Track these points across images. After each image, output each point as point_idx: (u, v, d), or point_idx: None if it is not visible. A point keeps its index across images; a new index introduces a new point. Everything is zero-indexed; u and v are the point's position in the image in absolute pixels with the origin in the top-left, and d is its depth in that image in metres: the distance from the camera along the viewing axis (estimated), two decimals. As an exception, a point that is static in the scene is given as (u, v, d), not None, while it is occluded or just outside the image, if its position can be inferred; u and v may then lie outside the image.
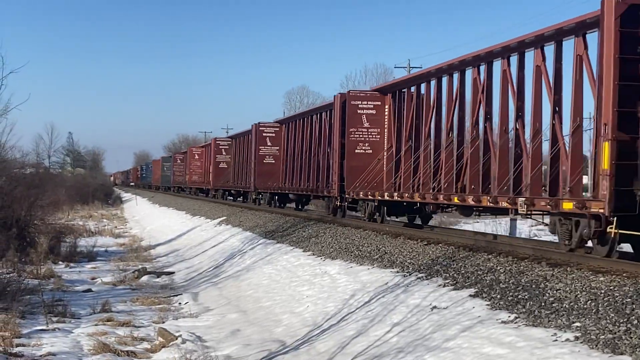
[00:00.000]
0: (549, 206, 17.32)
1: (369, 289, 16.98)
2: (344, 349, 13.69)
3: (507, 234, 31.64)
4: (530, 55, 19.12)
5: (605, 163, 14.81)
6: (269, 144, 43.91)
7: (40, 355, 14.94)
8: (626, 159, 14.69)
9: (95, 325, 18.33)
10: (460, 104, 22.98)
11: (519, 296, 13.17)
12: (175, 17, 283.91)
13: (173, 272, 29.09)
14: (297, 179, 38.39)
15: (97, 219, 64.15)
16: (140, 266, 29.95)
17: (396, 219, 29.12)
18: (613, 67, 14.81)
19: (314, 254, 23.25)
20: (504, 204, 19.11)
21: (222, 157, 60.18)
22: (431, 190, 23.65)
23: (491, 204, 19.78)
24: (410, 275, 17.05)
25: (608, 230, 14.94)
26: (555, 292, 12.89)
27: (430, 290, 15.24)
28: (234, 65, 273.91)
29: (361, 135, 28.57)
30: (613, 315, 11.09)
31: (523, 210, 18.11)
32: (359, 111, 28.54)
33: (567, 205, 16.31)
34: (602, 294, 12.22)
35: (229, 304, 20.94)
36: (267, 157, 43.81)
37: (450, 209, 24.01)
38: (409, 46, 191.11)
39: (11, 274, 24.18)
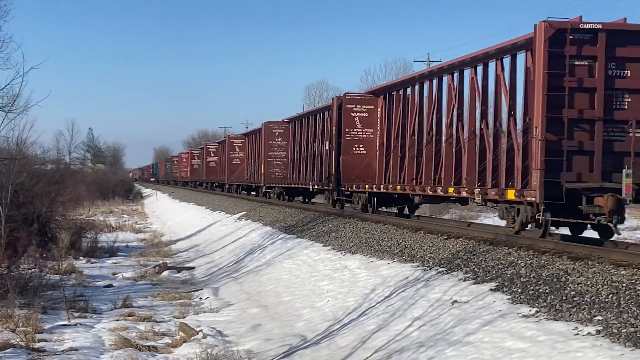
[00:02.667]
0: (497, 195, 19.85)
1: (389, 283, 16.98)
2: (364, 343, 13.69)
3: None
4: (492, 66, 21.44)
5: (537, 159, 17.64)
6: (277, 141, 47.10)
7: (62, 350, 15.03)
8: (553, 156, 17.61)
9: (117, 320, 18.43)
10: (437, 106, 25.21)
11: (540, 290, 13.13)
12: (196, 14, 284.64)
13: (193, 267, 29.18)
14: (303, 174, 40.96)
15: (117, 214, 64.41)
16: (160, 261, 30.05)
17: (386, 210, 31.20)
18: (542, 80, 17.65)
19: (334, 249, 23.25)
20: (464, 194, 21.86)
21: (236, 154, 63.81)
22: (413, 183, 26.21)
23: (455, 194, 22.55)
24: (430, 269, 17.03)
25: (537, 217, 17.91)
26: (576, 285, 12.84)
27: (450, 284, 15.23)
28: (255, 61, 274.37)
29: (355, 136, 31.37)
30: (635, 308, 11.05)
31: (479, 200, 20.80)
32: (352, 114, 31.34)
33: (510, 195, 18.88)
34: (624, 288, 12.17)
35: (249, 298, 20.98)
36: (277, 153, 47.17)
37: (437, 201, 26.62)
38: (429, 40, 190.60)
39: (33, 270, 24.29)
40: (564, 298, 12.31)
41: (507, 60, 20.51)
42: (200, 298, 22.15)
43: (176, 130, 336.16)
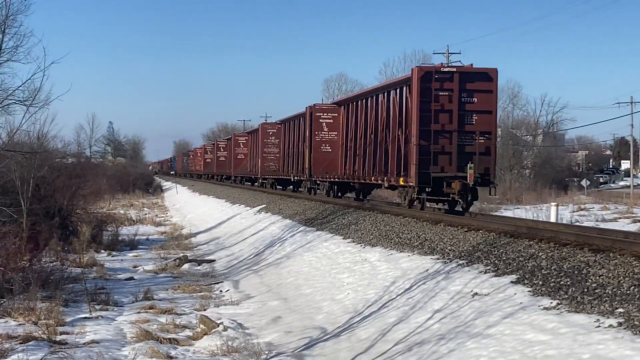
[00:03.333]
0: (394, 182, 28.31)
1: (409, 275, 16.96)
2: (385, 335, 13.69)
3: (549, 220, 31.41)
4: (393, 93, 29.82)
5: (414, 157, 25.79)
6: (272, 139, 56.29)
7: (84, 343, 15.11)
8: (424, 155, 25.68)
9: (138, 312, 18.51)
10: (375, 117, 32.05)
11: (561, 282, 13.08)
12: (215, 7, 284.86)
13: (214, 260, 29.25)
14: (288, 167, 49.43)
15: (138, 207, 64.67)
16: (181, 254, 30.15)
17: (349, 195, 38.74)
18: (417, 105, 25.88)
19: (353, 241, 23.25)
20: (379, 182, 30.41)
21: (240, 150, 73.01)
22: (354, 174, 34.73)
23: (374, 182, 31.25)
24: (450, 261, 17.00)
25: (413, 197, 26.76)
26: (597, 278, 12.78)
27: (471, 276, 15.20)
28: (274, 54, 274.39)
29: (323, 137, 39.47)
30: (657, 301, 10.98)
31: (386, 185, 29.52)
32: (320, 120, 39.54)
33: (402, 181, 27.30)
34: (646, 280, 12.10)
35: (269, 291, 21.02)
36: (271, 150, 56.11)
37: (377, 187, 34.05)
38: (448, 31, 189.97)
39: (54, 263, 24.45)
40: (586, 290, 12.26)
41: (398, 91, 29.05)
42: (221, 291, 22.22)
43: (196, 123, 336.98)
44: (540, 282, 13.42)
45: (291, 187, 50.39)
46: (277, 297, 19.87)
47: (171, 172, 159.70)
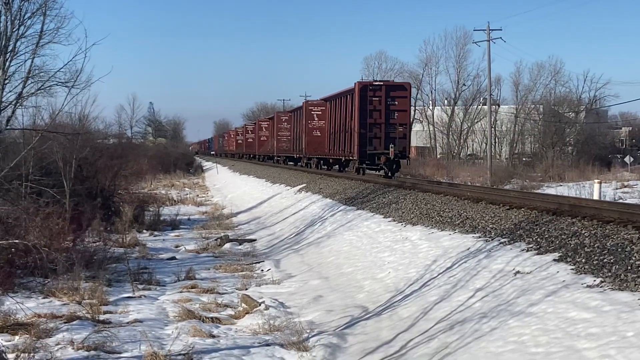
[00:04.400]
0: (348, 157, 41.02)
1: (450, 254, 16.92)
2: (426, 314, 13.68)
3: (592, 197, 31.11)
4: (349, 97, 41.53)
5: (356, 141, 38.52)
6: (284, 124, 70.18)
7: (127, 322, 15.26)
8: (363, 139, 38.14)
9: (180, 292, 18.65)
10: (346, 111, 42.63)
11: (605, 260, 12.96)
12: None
13: (255, 240, 29.37)
14: (294, 148, 63.05)
15: (179, 187, 65.06)
16: (222, 234, 30.31)
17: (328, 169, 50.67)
18: (358, 108, 38.40)
19: (394, 220, 23.22)
20: (340, 156, 44.35)
21: (263, 133, 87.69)
22: (329, 152, 47.97)
23: (338, 157, 44.85)
24: (492, 240, 16.92)
25: (357, 166, 39.60)
26: (642, 255, 12.64)
27: (513, 255, 15.11)
28: (314, 33, 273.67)
29: (314, 125, 53.43)
30: (703, 278, 10.85)
31: (343, 160, 43.49)
32: (312, 112, 53.89)
33: (351, 157, 40.32)
34: (691, 257, 11.95)
35: (310, 270, 21.07)
36: (283, 133, 70.54)
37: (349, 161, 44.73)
38: (489, 7, 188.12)
39: (97, 243, 24.71)
40: (629, 268, 12.14)
41: (349, 97, 41.48)
42: (262, 270, 22.31)
43: (236, 102, 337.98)
44: (583, 260, 13.32)
45: (337, 167, 50.57)
46: (318, 276, 19.92)
47: (211, 153, 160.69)
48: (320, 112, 52.83)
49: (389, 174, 38.43)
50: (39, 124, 26.94)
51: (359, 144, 39.07)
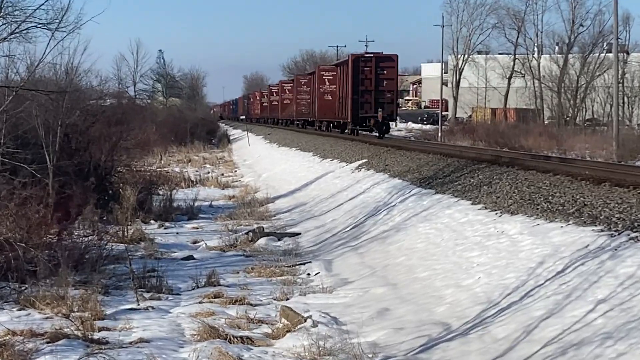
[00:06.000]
0: (346, 119, 64.64)
1: (562, 254, 16.82)
2: (529, 334, 13.64)
3: None
4: (345, 67, 65.54)
5: (349, 105, 63.14)
6: (304, 87, 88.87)
7: (130, 342, 15.34)
8: (355, 104, 61.26)
9: (200, 302, 18.75)
10: (343, 79, 65.00)
11: None
12: None
13: (299, 233, 29.45)
14: (309, 112, 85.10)
15: (198, 164, 65.53)
16: (255, 226, 30.42)
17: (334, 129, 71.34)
18: (351, 77, 61.59)
19: (486, 208, 23.15)
20: (342, 120, 67.16)
21: (286, 96, 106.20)
22: (334, 115, 69.84)
23: (340, 120, 67.68)
24: (619, 234, 16.79)
25: (350, 127, 63.93)
26: None
27: (648, 255, 15.00)
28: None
29: (325, 90, 71.91)
30: None
31: (342, 121, 67.00)
32: (323, 77, 72.34)
33: (344, 119, 65.39)
34: None
35: (373, 274, 21.09)
36: (302, 97, 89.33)
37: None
38: None
39: (90, 237, 24.77)
40: None
41: (345, 66, 64.84)
42: (309, 274, 22.37)
43: (275, 50, 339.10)
44: None
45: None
46: (383, 283, 19.93)
47: (240, 118, 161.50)
48: (331, 77, 72.03)
49: (380, 135, 59.84)
50: (13, 79, 27.17)
51: (352, 108, 61.28)
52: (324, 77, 72.20)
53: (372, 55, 62.20)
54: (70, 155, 30.46)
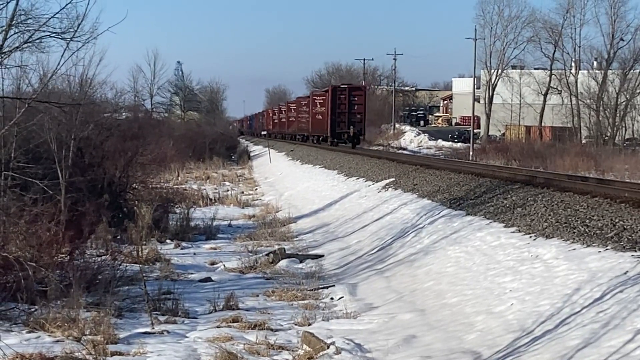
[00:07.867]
0: (325, 135, 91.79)
1: (600, 280, 16.77)
2: (564, 364, 13.60)
3: None
4: (326, 95, 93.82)
5: (328, 123, 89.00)
6: (304, 108, 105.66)
7: (144, 368, 15.40)
8: (333, 122, 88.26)
9: (217, 327, 18.79)
10: (328, 103, 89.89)
11: None
12: None
13: (322, 255, 29.45)
14: (305, 128, 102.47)
15: (216, 181, 65.65)
16: (276, 247, 30.45)
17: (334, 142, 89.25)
18: (330, 103, 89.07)
19: (519, 231, 23.10)
20: (322, 134, 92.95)
21: (292, 114, 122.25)
22: (321, 131, 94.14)
23: (322, 134, 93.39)
24: (660, 260, 16.74)
25: (329, 140, 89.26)
26: None
27: (690, 282, 14.96)
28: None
29: (317, 111, 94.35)
30: None
31: (324, 135, 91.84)
32: (316, 100, 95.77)
33: (325, 134, 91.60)
34: None
35: (400, 299, 21.08)
36: (302, 115, 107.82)
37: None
38: None
39: (103, 257, 24.88)
40: None
41: (328, 95, 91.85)
42: (332, 298, 22.37)
43: (300, 63, 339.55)
44: None
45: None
46: (410, 308, 19.92)
47: (262, 133, 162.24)
48: (322, 101, 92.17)
49: (352, 146, 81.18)
50: (25, 90, 27.28)
51: (330, 125, 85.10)
52: (316, 101, 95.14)
53: (346, 86, 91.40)
54: (84, 170, 30.56)
